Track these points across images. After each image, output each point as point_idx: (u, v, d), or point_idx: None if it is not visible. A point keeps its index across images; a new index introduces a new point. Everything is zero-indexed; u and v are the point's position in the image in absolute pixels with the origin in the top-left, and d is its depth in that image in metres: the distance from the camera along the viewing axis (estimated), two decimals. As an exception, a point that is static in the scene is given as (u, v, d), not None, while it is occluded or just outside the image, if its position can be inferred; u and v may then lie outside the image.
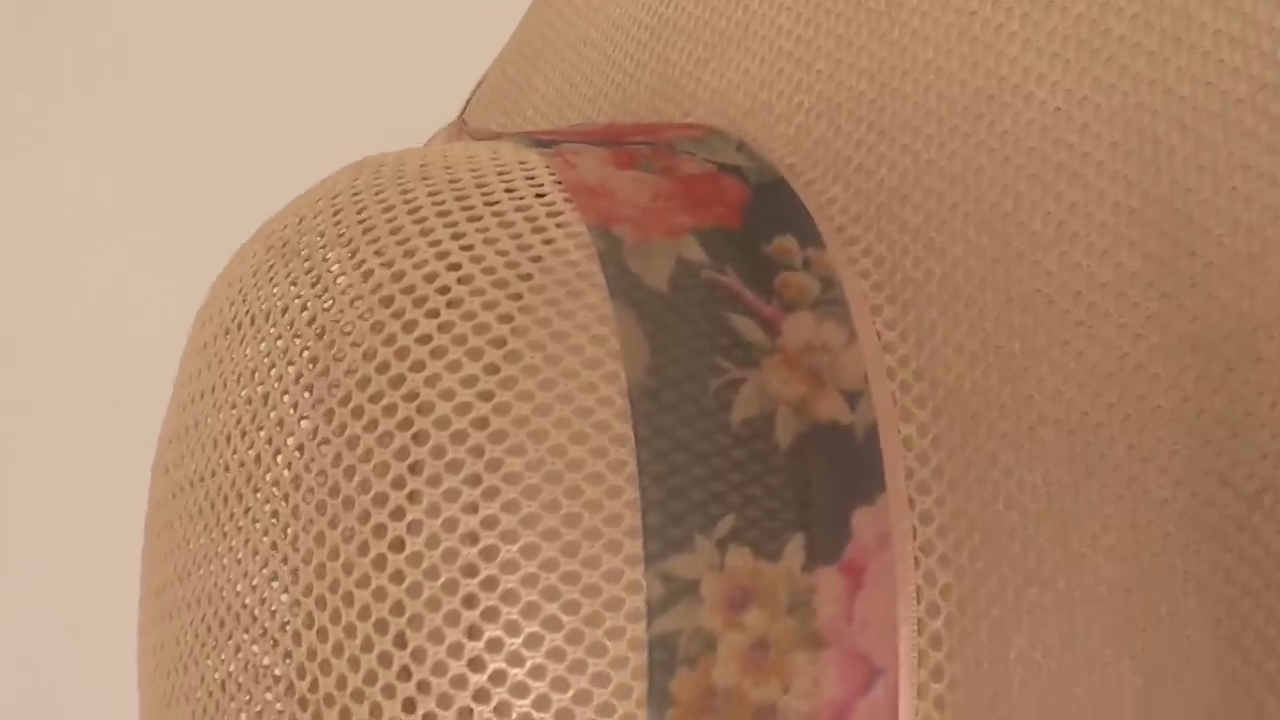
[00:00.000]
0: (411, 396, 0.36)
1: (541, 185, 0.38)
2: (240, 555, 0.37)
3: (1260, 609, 0.34)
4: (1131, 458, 0.35)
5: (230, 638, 0.37)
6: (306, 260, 0.38)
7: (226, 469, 0.37)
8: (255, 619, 0.37)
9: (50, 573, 0.67)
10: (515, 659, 0.35)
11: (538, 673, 0.35)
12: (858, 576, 0.35)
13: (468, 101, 0.53)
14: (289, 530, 0.36)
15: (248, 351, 0.38)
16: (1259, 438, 0.34)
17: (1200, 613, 0.34)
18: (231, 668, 0.37)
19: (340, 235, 0.38)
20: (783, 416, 0.36)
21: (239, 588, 0.37)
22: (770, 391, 0.36)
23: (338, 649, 0.35)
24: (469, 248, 0.37)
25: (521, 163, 0.39)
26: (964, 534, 0.36)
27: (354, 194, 0.39)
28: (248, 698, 0.37)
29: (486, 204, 0.38)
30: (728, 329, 0.36)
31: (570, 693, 0.34)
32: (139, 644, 0.42)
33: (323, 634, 0.36)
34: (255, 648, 0.37)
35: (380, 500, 0.35)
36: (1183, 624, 0.34)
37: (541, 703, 0.34)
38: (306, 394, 0.37)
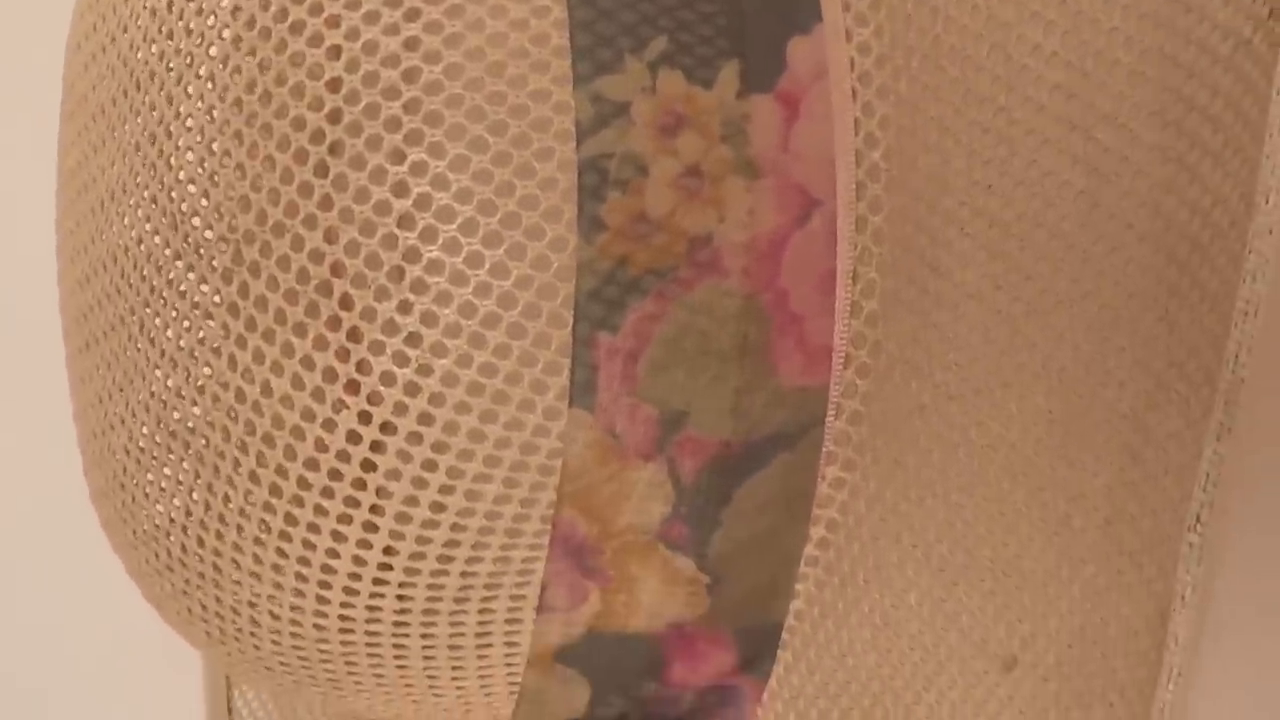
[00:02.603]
0: None
1: None
2: (152, 98, 0.35)
3: (1204, 87, 0.33)
4: None
5: (147, 188, 0.36)
6: None
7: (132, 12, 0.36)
8: (171, 166, 0.35)
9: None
10: (440, 182, 0.33)
11: (464, 196, 0.33)
12: (793, 107, 0.34)
13: None
14: (204, 70, 0.35)
15: None
16: None
17: (1147, 104, 0.34)
18: (149, 224, 0.36)
19: None
20: None
21: (158, 142, 0.36)
22: None
23: (255, 183, 0.34)
24: None
25: None
26: (902, 64, 0.35)
27: None
28: (165, 249, 0.35)
29: None
30: None
31: (497, 216, 0.33)
32: (57, 239, 0.40)
33: (240, 170, 0.34)
34: (172, 194, 0.35)
35: (297, 28, 0.34)
36: (1128, 118, 0.34)
37: (469, 227, 0.33)
38: None
